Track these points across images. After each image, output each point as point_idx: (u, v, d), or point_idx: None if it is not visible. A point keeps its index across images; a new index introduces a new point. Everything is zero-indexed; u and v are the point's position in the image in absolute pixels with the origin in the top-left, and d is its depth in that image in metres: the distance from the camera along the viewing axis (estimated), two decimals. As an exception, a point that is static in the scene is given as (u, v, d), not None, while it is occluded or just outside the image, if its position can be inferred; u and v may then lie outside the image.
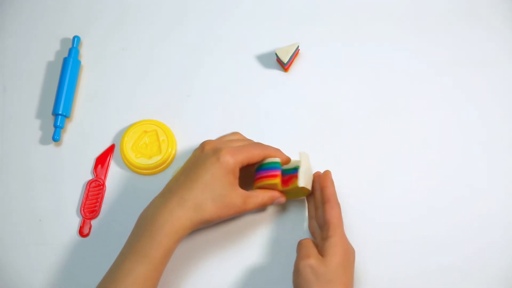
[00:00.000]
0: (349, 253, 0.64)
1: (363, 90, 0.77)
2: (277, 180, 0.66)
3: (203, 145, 0.67)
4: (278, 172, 0.67)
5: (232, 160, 0.64)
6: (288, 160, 0.69)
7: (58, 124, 0.75)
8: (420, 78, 0.77)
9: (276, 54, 0.76)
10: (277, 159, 0.67)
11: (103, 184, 0.74)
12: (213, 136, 0.72)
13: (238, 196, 0.64)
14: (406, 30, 0.79)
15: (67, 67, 0.77)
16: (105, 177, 0.74)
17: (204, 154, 0.65)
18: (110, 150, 0.75)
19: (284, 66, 0.77)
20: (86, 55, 0.80)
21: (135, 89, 0.78)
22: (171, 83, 0.78)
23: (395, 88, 0.77)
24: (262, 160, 0.67)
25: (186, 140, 0.75)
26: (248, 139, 0.71)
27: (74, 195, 0.74)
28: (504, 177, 0.73)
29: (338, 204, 0.66)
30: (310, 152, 0.74)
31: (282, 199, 0.68)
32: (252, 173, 0.69)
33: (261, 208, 0.68)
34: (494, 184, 0.72)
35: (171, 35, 0.80)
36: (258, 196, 0.66)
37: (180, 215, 0.62)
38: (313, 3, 0.80)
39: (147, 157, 0.74)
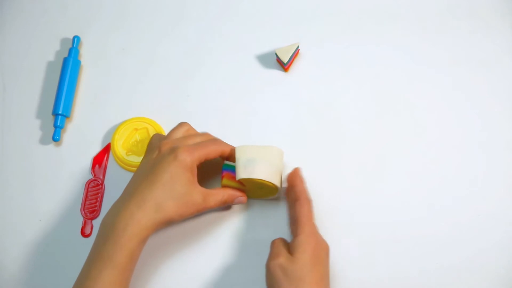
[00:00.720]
0: (319, 249, 0.63)
1: (363, 90, 0.77)
2: (225, 181, 0.68)
3: (159, 145, 0.66)
4: (224, 173, 0.68)
5: (190, 158, 0.64)
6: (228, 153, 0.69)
7: (58, 124, 0.75)
8: (420, 78, 0.77)
9: (276, 54, 0.76)
10: (226, 162, 0.68)
11: (102, 184, 0.74)
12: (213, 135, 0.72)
13: (198, 193, 0.65)
14: (406, 30, 0.79)
15: (67, 67, 0.77)
16: (103, 176, 0.74)
17: (161, 154, 0.65)
18: (106, 149, 0.75)
19: (284, 66, 0.77)
20: (86, 55, 0.80)
21: (135, 89, 0.78)
22: (171, 83, 0.78)
23: (395, 88, 0.77)
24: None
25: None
26: (200, 134, 0.70)
27: (74, 195, 0.74)
28: (504, 177, 0.72)
29: (308, 201, 0.66)
30: (309, 151, 0.74)
31: (243, 198, 0.69)
32: (211, 170, 0.71)
33: (224, 205, 0.68)
34: (494, 184, 0.72)
35: (171, 35, 0.80)
36: (219, 193, 0.67)
37: (141, 216, 0.62)
38: (313, 3, 0.80)
39: (138, 154, 0.74)
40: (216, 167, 0.71)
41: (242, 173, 0.66)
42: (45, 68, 0.79)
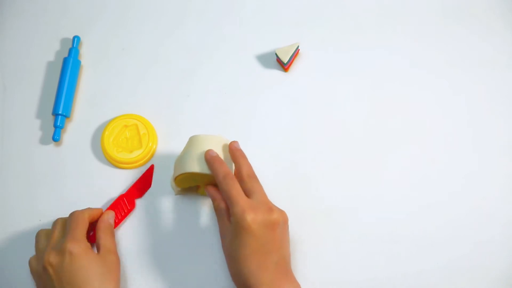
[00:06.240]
0: (256, 225, 0.62)
1: (363, 90, 0.77)
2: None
3: (41, 264, 0.64)
4: None
5: (80, 244, 0.64)
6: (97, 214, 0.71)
7: (58, 124, 0.75)
8: (419, 78, 0.77)
9: (276, 54, 0.76)
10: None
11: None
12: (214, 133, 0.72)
13: (111, 256, 0.66)
14: (405, 31, 0.79)
15: (67, 67, 0.77)
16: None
17: (54, 266, 0.63)
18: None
19: (284, 66, 0.77)
20: (86, 55, 0.80)
21: (135, 89, 0.78)
22: (171, 83, 0.78)
23: (394, 88, 0.77)
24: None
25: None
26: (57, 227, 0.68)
27: (74, 195, 0.74)
28: (501, 176, 0.73)
29: (232, 179, 0.65)
30: (308, 151, 0.74)
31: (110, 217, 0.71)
32: None
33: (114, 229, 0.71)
34: (492, 184, 0.72)
35: (171, 35, 0.80)
36: (102, 237, 0.68)
37: None
38: (314, 4, 0.80)
39: (128, 151, 0.74)
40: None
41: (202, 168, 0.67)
42: (45, 68, 0.79)
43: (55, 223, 0.68)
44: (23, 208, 0.74)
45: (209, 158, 0.67)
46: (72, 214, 0.68)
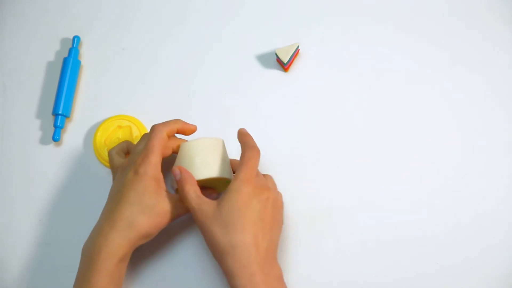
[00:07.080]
0: (252, 196, 0.62)
1: (363, 90, 0.77)
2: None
3: (121, 163, 0.67)
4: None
5: (149, 168, 0.63)
6: (190, 128, 0.69)
7: (58, 124, 0.75)
8: (420, 78, 0.77)
9: (276, 54, 0.76)
10: None
11: None
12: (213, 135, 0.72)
13: (167, 202, 0.64)
14: (405, 31, 0.78)
15: (67, 67, 0.77)
16: None
17: (123, 172, 0.65)
18: None
19: (284, 66, 0.77)
20: (86, 55, 0.80)
21: (135, 89, 0.78)
22: (171, 83, 0.78)
23: (395, 88, 0.76)
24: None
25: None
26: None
27: (74, 195, 0.74)
28: (503, 177, 0.72)
29: (252, 148, 0.65)
30: (309, 151, 0.74)
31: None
32: None
33: None
34: (493, 184, 0.72)
35: (171, 35, 0.80)
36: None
37: (114, 236, 0.61)
38: (314, 4, 0.80)
39: None
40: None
41: (201, 173, 0.65)
42: (45, 68, 0.79)
43: (143, 137, 0.68)
44: (23, 208, 0.74)
45: (243, 131, 0.67)
46: (152, 130, 0.66)
